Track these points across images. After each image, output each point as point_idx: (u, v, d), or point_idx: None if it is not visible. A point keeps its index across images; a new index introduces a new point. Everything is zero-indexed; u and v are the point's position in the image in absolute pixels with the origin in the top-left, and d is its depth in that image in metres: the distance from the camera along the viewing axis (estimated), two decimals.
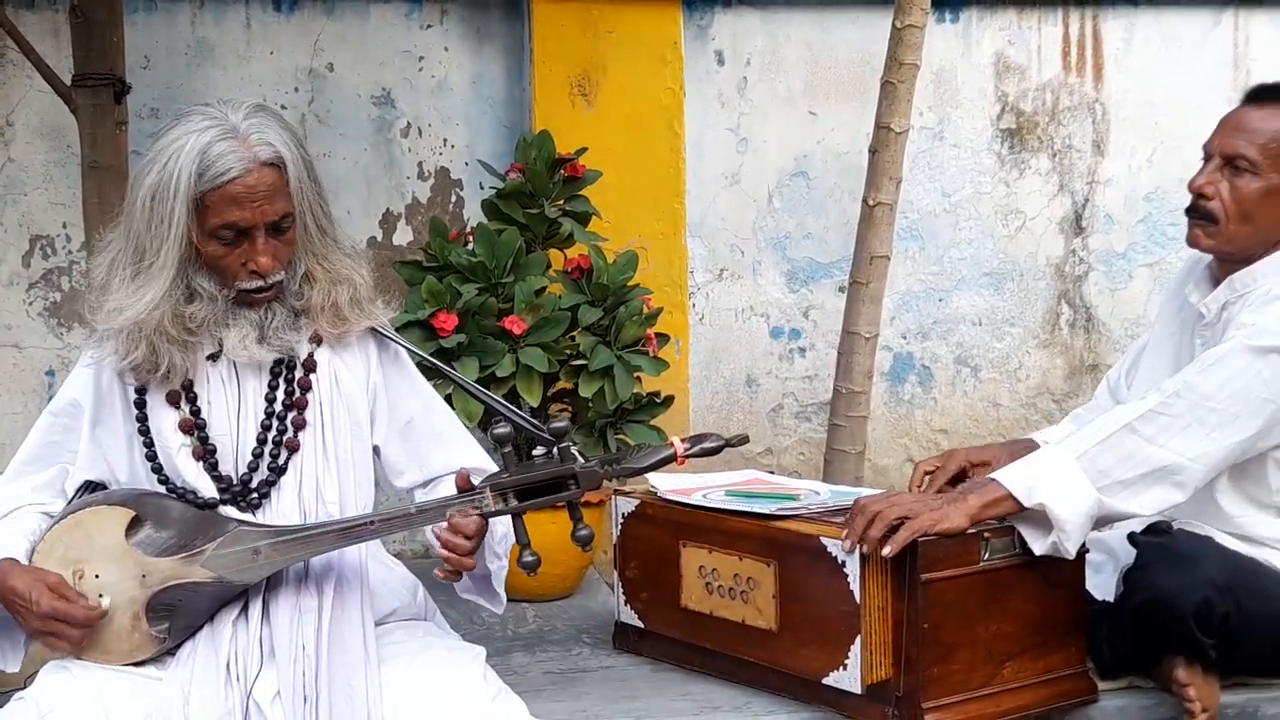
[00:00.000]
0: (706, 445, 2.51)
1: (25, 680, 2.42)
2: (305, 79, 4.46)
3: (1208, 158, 2.94)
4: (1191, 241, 2.97)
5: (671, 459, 2.49)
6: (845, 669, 2.71)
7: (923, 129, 4.73)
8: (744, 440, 2.61)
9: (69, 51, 3.72)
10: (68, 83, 3.69)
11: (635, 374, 3.81)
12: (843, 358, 4.14)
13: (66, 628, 2.33)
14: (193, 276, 2.44)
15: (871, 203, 4.07)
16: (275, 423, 2.50)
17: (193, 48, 4.39)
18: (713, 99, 4.68)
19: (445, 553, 2.38)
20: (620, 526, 3.18)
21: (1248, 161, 2.86)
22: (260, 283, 2.44)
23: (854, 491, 3.14)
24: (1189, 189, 2.94)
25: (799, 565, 2.79)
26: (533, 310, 3.74)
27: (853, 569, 2.67)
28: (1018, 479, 2.69)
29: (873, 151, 4.09)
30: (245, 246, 2.42)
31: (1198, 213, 2.93)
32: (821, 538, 2.74)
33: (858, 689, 2.70)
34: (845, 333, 4.14)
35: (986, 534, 2.71)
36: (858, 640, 2.68)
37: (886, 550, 2.61)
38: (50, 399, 2.71)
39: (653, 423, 3.87)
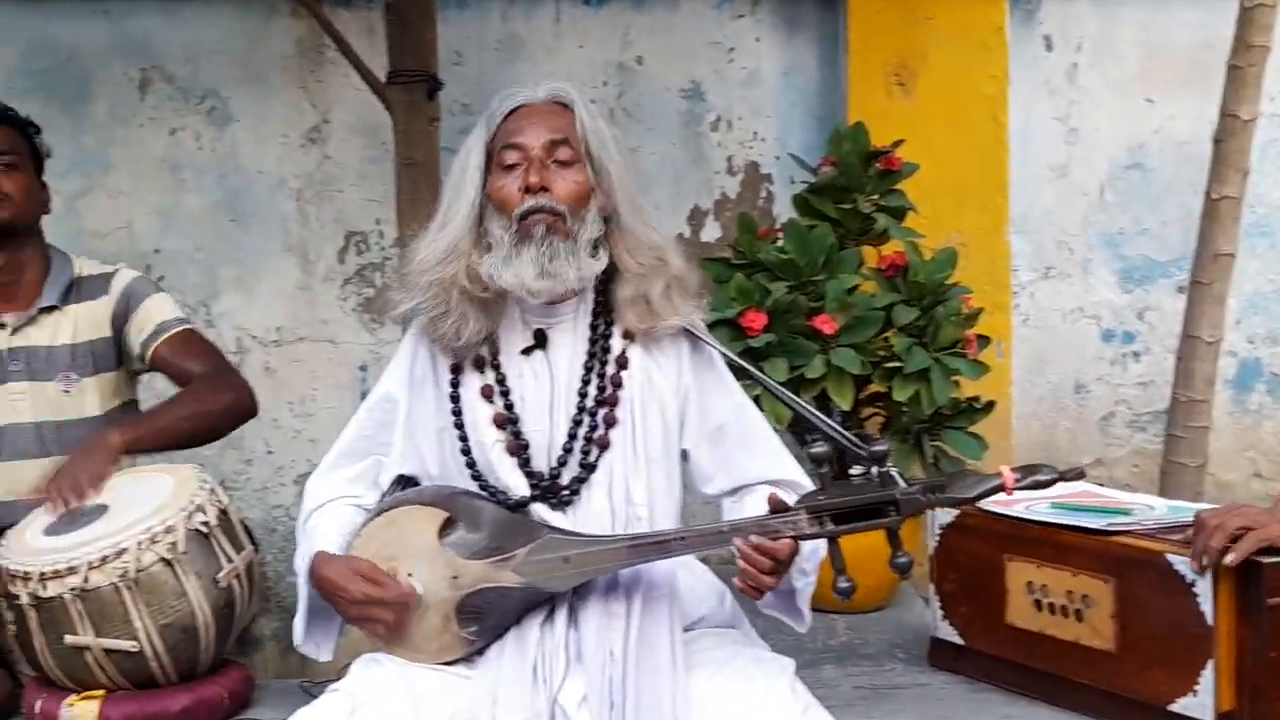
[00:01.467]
0: (1039, 478, 2.40)
1: (339, 673, 2.53)
2: (614, 72, 4.54)
3: None
4: None
5: (999, 490, 2.41)
6: (1195, 695, 2.61)
7: (1273, 116, 4.52)
8: (1080, 475, 2.50)
9: (384, 49, 3.88)
10: (382, 80, 3.84)
11: (953, 378, 3.74)
12: (1182, 363, 3.99)
13: (381, 611, 2.43)
14: (486, 223, 2.53)
15: (1215, 196, 3.91)
16: (587, 419, 2.54)
17: (503, 43, 4.53)
18: (1039, 86, 4.58)
19: (744, 565, 2.38)
20: (938, 538, 3.13)
21: None
22: (533, 201, 2.49)
23: (1192, 507, 3.01)
24: None
25: (1142, 583, 2.69)
26: (845, 309, 3.71)
27: (1203, 589, 2.57)
28: None
29: (1217, 141, 3.93)
30: (525, 169, 2.50)
31: None
32: (1168, 555, 2.64)
33: (1210, 717, 2.59)
34: (1185, 336, 3.99)
35: None
36: (1209, 665, 2.57)
37: (1229, 558, 2.50)
38: (364, 394, 2.83)
39: (972, 429, 3.79)
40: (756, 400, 3.01)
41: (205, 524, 2.90)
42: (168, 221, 4.52)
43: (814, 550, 2.51)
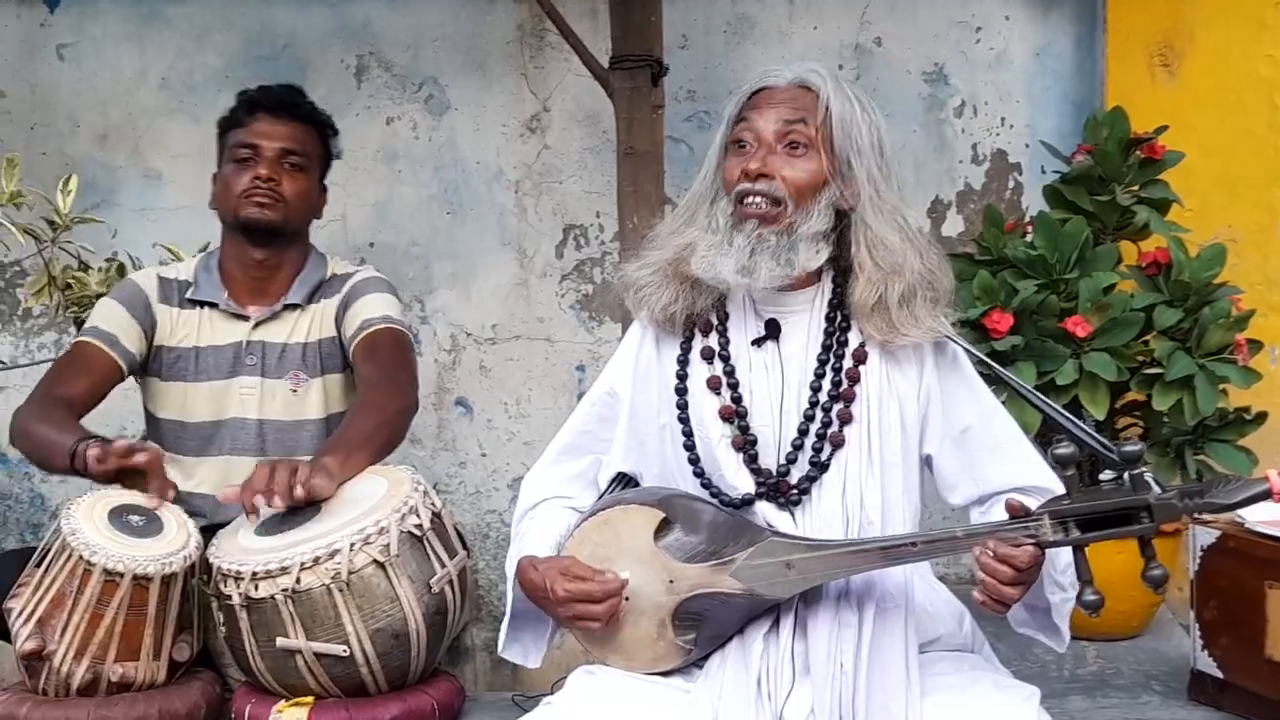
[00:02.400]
0: None
1: (552, 686, 2.57)
2: (851, 55, 4.53)
3: None
4: None
5: (1265, 496, 2.36)
6: None
7: None
8: None
9: (607, 33, 3.94)
10: (605, 65, 3.89)
11: (1220, 386, 3.65)
12: None
13: (589, 606, 2.46)
14: (716, 203, 2.58)
15: None
16: (820, 414, 2.54)
17: (732, 24, 4.55)
18: None
19: (984, 577, 2.35)
20: (1198, 560, 3.06)
21: None
22: (748, 184, 2.51)
23: None
24: None
25: None
26: (1100, 310, 3.66)
27: None
28: None
29: None
30: (751, 152, 2.54)
31: None
32: None
33: None
34: None
35: None
36: None
37: None
38: (580, 395, 2.87)
39: (1240, 443, 3.70)
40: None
41: (419, 527, 2.97)
42: (382, 214, 4.66)
43: (1069, 564, 2.44)
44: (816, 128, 2.52)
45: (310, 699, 2.96)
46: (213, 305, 3.42)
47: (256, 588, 2.90)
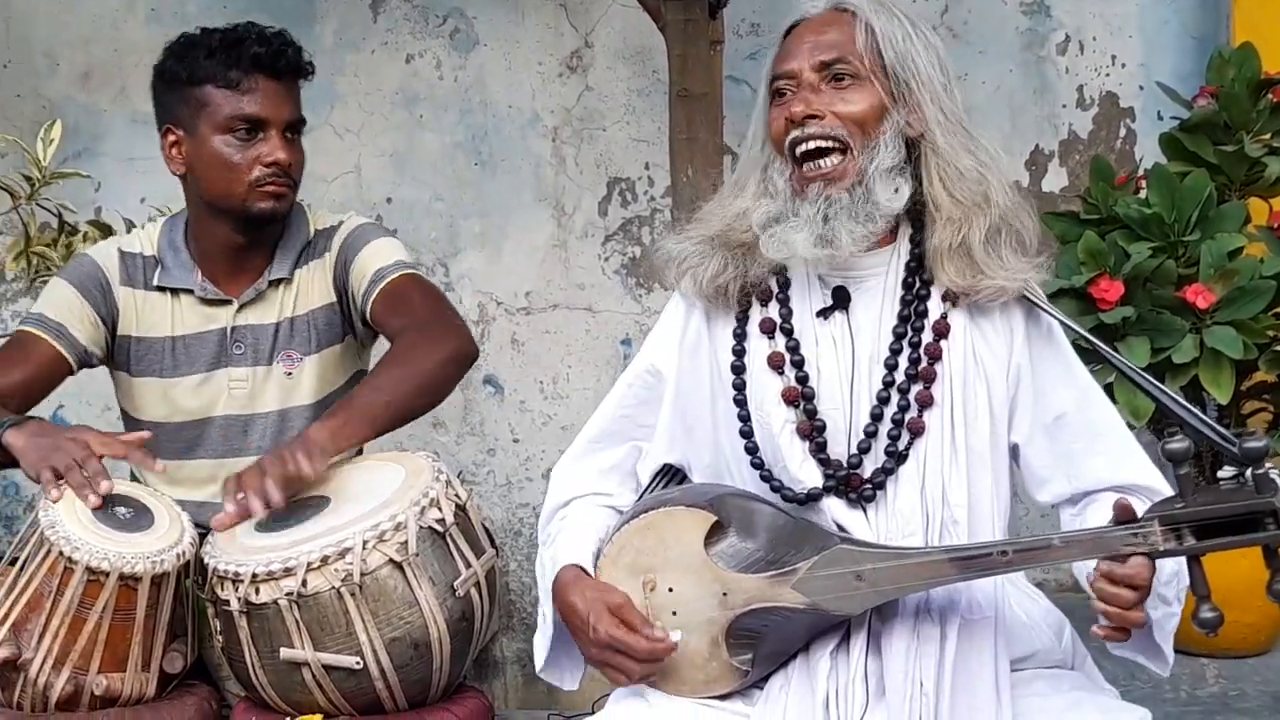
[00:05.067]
0: None
1: (593, 705, 2.58)
2: None
3: None
4: None
5: None
6: None
7: None
8: None
9: None
10: None
11: None
12: None
13: (626, 660, 2.45)
14: (770, 167, 2.58)
15: None
16: (896, 396, 2.52)
17: None
18: None
19: (1103, 606, 2.31)
20: None
21: None
22: (798, 132, 2.51)
23: None
24: None
25: None
26: (1224, 278, 3.65)
27: None
28: None
29: None
30: (791, 97, 2.54)
31: None
32: None
33: None
34: None
35: None
36: None
37: None
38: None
39: None
40: (1108, 390, 2.97)
41: (440, 522, 2.97)
42: (401, 165, 4.66)
43: (1175, 573, 2.43)
44: (861, 54, 2.52)
45: (318, 717, 2.97)
46: (187, 291, 3.32)
47: (257, 591, 2.90)
